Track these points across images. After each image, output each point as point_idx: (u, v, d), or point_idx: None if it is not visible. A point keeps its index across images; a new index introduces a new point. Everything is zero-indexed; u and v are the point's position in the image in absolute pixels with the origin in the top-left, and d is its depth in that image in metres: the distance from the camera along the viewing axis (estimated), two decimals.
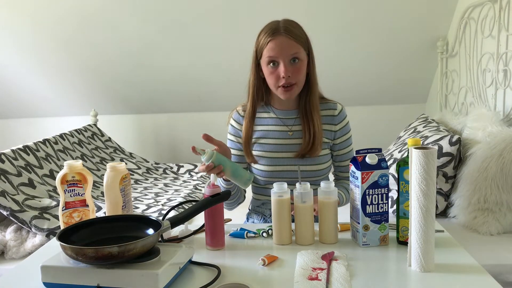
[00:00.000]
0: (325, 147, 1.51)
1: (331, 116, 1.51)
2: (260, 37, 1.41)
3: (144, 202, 2.41)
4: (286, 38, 1.36)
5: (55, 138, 2.71)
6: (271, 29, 1.38)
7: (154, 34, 3.00)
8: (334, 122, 1.51)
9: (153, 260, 0.97)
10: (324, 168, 1.51)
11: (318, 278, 0.99)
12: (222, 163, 1.25)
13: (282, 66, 1.37)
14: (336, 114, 1.51)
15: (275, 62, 1.39)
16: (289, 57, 1.37)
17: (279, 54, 1.37)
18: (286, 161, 1.49)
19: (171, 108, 3.53)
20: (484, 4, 2.46)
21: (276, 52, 1.37)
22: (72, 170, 1.27)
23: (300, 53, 1.39)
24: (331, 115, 1.51)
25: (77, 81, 3.34)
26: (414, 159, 1.00)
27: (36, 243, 1.86)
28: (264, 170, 1.50)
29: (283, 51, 1.36)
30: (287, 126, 1.51)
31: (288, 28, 1.38)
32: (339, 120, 1.51)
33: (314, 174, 1.49)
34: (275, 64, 1.39)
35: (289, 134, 1.50)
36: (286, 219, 1.21)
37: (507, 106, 2.28)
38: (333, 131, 1.51)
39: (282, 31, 1.37)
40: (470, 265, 1.05)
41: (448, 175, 2.02)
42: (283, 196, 1.20)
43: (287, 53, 1.37)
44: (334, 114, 1.51)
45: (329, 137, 1.51)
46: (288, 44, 1.36)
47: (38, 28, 2.97)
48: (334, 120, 1.51)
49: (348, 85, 3.20)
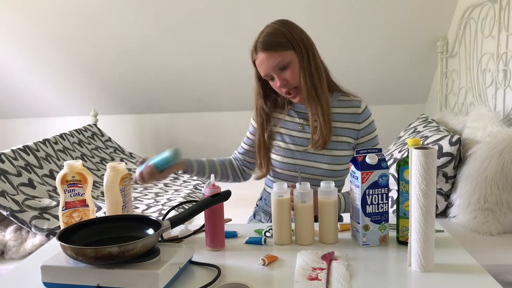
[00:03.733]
0: (346, 148, 1.46)
1: (355, 114, 1.46)
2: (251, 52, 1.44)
3: (144, 202, 2.41)
4: (265, 54, 1.37)
5: (55, 138, 2.71)
6: (253, 46, 1.41)
7: (154, 34, 3.00)
8: (358, 121, 1.46)
9: (153, 260, 0.97)
10: (343, 170, 1.47)
11: (318, 278, 0.99)
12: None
13: (276, 79, 1.40)
14: (360, 112, 1.47)
15: (269, 76, 1.42)
16: (275, 69, 1.39)
17: (266, 70, 1.40)
18: (300, 155, 1.47)
19: (171, 108, 3.53)
20: (484, 4, 2.46)
21: (262, 69, 1.40)
22: (72, 170, 1.27)
23: (283, 59, 1.37)
24: (354, 113, 1.47)
25: (77, 81, 3.34)
26: (414, 159, 1.00)
27: (36, 243, 1.86)
28: (279, 161, 1.49)
29: (267, 67, 1.39)
30: (299, 119, 1.50)
31: (263, 42, 1.38)
32: (364, 118, 1.47)
33: (332, 174, 1.45)
34: (271, 78, 1.42)
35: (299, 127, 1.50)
36: (286, 219, 1.21)
37: (507, 106, 2.28)
38: (357, 129, 1.47)
39: (259, 48, 1.38)
40: (470, 265, 1.05)
41: (448, 175, 2.02)
42: (283, 196, 1.20)
43: (272, 67, 1.38)
44: (358, 112, 1.47)
45: (352, 136, 1.46)
46: (268, 58, 1.37)
47: (38, 28, 2.97)
48: (358, 118, 1.46)
49: (348, 85, 3.17)
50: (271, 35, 1.39)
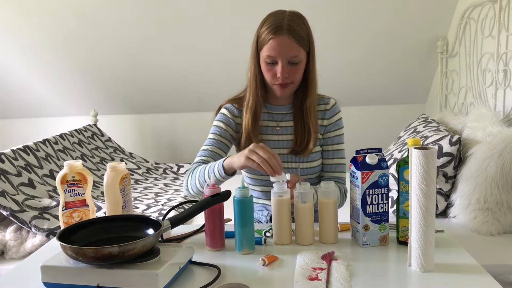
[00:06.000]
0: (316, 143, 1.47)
1: (323, 110, 1.49)
2: (262, 28, 1.37)
3: (144, 202, 2.41)
4: (288, 39, 1.33)
5: (55, 138, 2.71)
6: (275, 25, 1.33)
7: (154, 34, 3.00)
8: (325, 117, 1.49)
9: (153, 260, 0.97)
10: (315, 166, 1.48)
11: (318, 278, 0.99)
12: None
13: (279, 66, 1.36)
14: (328, 109, 1.49)
15: (274, 60, 1.37)
16: (288, 59, 1.36)
17: (279, 54, 1.35)
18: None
19: (171, 108, 3.53)
20: (484, 4, 2.46)
21: (276, 52, 1.34)
22: (72, 170, 1.27)
23: (300, 55, 1.36)
24: (322, 109, 1.49)
25: (77, 81, 3.34)
26: (414, 159, 1.00)
27: (36, 243, 1.86)
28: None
29: (282, 52, 1.34)
30: (275, 122, 1.49)
31: (291, 28, 1.33)
32: (330, 115, 1.49)
33: (305, 172, 1.47)
34: (273, 63, 1.37)
35: (276, 129, 1.49)
36: (286, 219, 1.21)
37: (507, 106, 2.28)
38: (323, 125, 1.49)
39: (285, 30, 1.33)
40: (470, 265, 1.05)
41: (448, 175, 2.02)
42: (283, 196, 1.20)
43: (287, 55, 1.35)
44: (326, 108, 1.49)
45: (320, 131, 1.48)
46: (289, 45, 1.33)
47: (38, 28, 2.97)
48: (325, 115, 1.49)
49: (348, 85, 3.20)
50: (298, 25, 1.35)
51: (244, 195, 1.16)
